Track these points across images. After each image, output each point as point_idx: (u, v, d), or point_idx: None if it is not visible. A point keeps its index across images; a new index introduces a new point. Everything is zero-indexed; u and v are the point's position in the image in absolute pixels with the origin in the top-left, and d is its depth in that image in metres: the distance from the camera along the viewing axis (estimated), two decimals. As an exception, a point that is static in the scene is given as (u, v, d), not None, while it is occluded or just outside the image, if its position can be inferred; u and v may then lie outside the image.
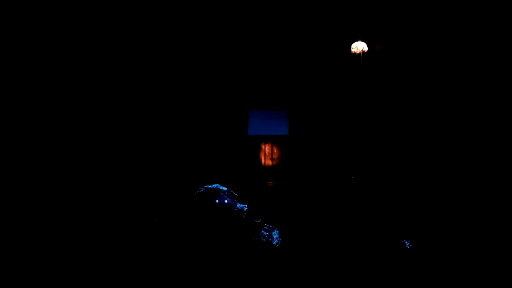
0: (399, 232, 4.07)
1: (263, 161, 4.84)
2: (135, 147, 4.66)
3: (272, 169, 4.85)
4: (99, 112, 4.61)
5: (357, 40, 4.58)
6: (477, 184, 4.49)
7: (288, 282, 3.42)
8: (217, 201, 3.79)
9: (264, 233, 3.88)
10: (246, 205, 3.90)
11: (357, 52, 4.57)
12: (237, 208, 3.85)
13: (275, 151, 4.85)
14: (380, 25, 4.76)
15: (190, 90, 4.82)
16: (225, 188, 3.94)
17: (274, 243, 3.80)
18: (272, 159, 4.85)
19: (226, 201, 3.81)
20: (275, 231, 3.92)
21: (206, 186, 3.92)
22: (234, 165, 4.81)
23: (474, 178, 4.53)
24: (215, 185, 3.92)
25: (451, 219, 4.26)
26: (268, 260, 3.66)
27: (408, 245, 3.94)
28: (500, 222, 4.13)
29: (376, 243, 3.93)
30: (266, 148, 4.83)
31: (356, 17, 4.72)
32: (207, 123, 4.83)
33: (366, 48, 4.56)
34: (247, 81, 4.86)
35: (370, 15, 4.74)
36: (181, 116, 4.78)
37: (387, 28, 4.76)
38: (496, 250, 3.78)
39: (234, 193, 3.96)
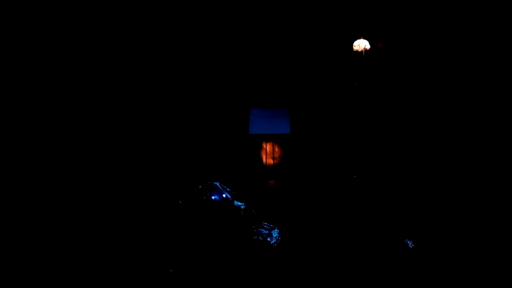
0: (402, 231, 4.04)
1: (264, 160, 4.82)
2: (134, 146, 4.65)
3: (273, 168, 4.83)
4: (98, 106, 4.60)
5: (359, 38, 4.55)
6: (479, 183, 4.45)
7: (284, 282, 3.40)
8: (213, 197, 3.77)
9: (264, 231, 3.85)
10: (243, 204, 3.88)
11: (359, 50, 4.54)
12: (235, 206, 3.83)
13: (276, 150, 4.83)
14: (382, 23, 4.73)
15: (190, 88, 4.81)
16: (222, 186, 3.92)
17: (272, 242, 3.77)
18: (273, 158, 4.83)
19: (224, 195, 3.80)
20: (275, 230, 3.90)
21: (204, 184, 3.90)
22: (235, 164, 4.79)
23: (477, 177, 4.49)
24: (213, 182, 3.90)
25: (454, 219, 4.23)
26: (265, 259, 3.64)
27: (411, 245, 3.91)
28: (502, 222, 4.09)
29: (378, 242, 3.91)
30: (267, 146, 4.81)
31: (358, 14, 4.69)
32: (207, 121, 4.82)
33: (368, 46, 4.53)
34: (248, 79, 4.85)
35: (372, 12, 4.71)
36: (181, 114, 4.77)
37: (390, 25, 4.73)
38: (498, 250, 3.74)
39: (231, 191, 3.94)
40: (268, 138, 4.81)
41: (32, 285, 3.42)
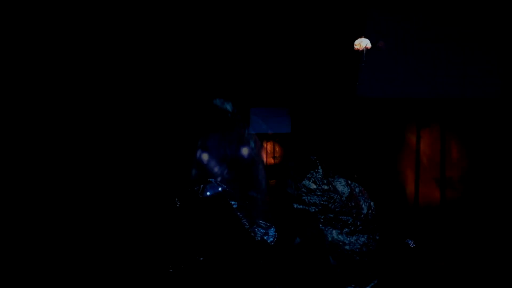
0: (403, 231, 4.03)
1: (264, 159, 4.82)
2: (134, 147, 4.66)
3: (274, 168, 4.82)
4: (96, 107, 4.63)
5: (360, 37, 4.55)
6: (480, 182, 4.42)
7: (282, 280, 3.40)
8: (208, 192, 3.81)
9: (261, 230, 3.87)
10: (236, 203, 3.90)
11: (360, 49, 4.54)
12: (228, 202, 3.86)
13: (277, 149, 4.84)
14: (383, 22, 4.72)
15: (191, 88, 4.82)
16: (217, 182, 3.96)
17: (269, 241, 3.79)
18: (274, 158, 4.83)
19: (219, 189, 3.84)
20: (272, 228, 3.92)
21: (201, 184, 3.93)
22: (235, 163, 4.79)
23: (477, 175, 4.46)
24: (209, 179, 3.94)
25: (455, 218, 4.20)
26: (262, 257, 3.65)
27: (412, 245, 3.90)
28: (503, 222, 4.05)
29: (379, 242, 3.90)
30: (268, 146, 4.81)
31: (359, 13, 4.69)
32: (207, 121, 4.82)
33: (369, 45, 4.53)
34: (248, 79, 4.85)
35: (373, 11, 4.70)
36: (181, 114, 4.78)
37: (391, 24, 4.72)
38: (499, 249, 3.71)
39: (226, 188, 3.97)
40: (269, 137, 4.81)
41: (32, 285, 3.45)
